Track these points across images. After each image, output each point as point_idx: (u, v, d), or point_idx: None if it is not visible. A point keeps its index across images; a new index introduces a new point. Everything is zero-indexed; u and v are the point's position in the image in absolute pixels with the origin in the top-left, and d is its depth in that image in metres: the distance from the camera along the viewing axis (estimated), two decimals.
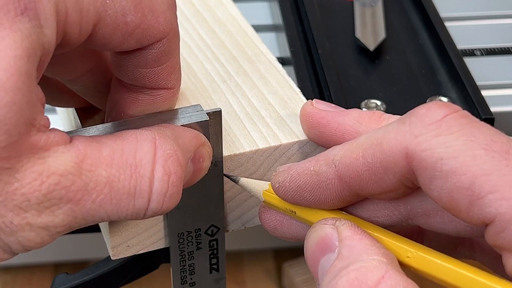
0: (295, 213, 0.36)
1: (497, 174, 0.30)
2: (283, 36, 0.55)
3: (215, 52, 0.45)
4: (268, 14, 0.61)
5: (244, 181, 0.38)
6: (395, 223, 0.35)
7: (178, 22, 0.35)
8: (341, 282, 0.31)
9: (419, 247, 0.33)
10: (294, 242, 0.41)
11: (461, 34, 0.59)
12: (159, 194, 0.32)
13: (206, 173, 0.36)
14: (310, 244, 0.34)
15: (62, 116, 0.46)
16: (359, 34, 0.53)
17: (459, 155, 0.30)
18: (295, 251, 0.65)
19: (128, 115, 0.36)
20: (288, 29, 0.54)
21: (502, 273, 0.31)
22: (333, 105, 0.38)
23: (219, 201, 0.39)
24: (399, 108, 0.48)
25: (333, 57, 0.52)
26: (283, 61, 0.53)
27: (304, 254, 0.34)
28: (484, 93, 0.49)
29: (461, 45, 0.57)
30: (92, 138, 0.32)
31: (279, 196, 0.36)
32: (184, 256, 0.40)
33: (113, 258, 0.39)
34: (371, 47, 0.52)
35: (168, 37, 0.34)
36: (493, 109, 0.48)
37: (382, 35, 0.53)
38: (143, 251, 0.39)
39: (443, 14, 0.57)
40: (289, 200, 0.35)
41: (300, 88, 0.42)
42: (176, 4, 0.35)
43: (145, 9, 0.33)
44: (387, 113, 0.37)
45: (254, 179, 0.38)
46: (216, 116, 0.36)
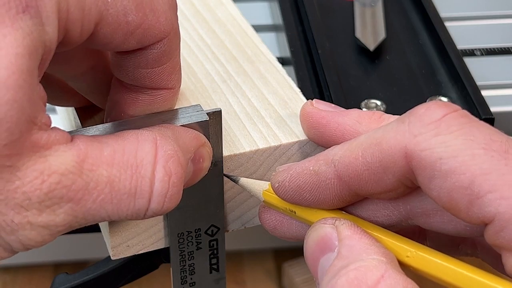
0: (294, 212, 0.36)
1: (496, 174, 0.30)
2: (283, 36, 0.55)
3: (215, 52, 0.45)
4: (268, 14, 0.61)
5: (244, 181, 0.38)
6: (395, 223, 0.35)
7: (178, 22, 0.35)
8: (340, 281, 0.31)
9: (419, 246, 0.33)
10: (294, 242, 0.41)
11: (461, 34, 0.59)
12: (160, 194, 0.32)
13: (206, 173, 0.36)
14: (310, 243, 0.34)
15: (62, 116, 0.46)
16: (359, 34, 0.53)
17: (458, 154, 0.30)
18: (295, 251, 0.65)
19: (128, 115, 0.36)
20: (288, 29, 0.54)
21: (503, 271, 0.31)
22: (333, 105, 0.38)
23: (219, 201, 0.39)
24: (399, 108, 0.48)
25: (333, 57, 0.52)
26: (283, 61, 0.53)
27: (304, 254, 0.34)
28: (484, 93, 0.49)
29: (461, 45, 0.57)
30: (93, 138, 0.32)
31: (278, 196, 0.36)
32: (184, 256, 0.40)
33: (113, 258, 0.39)
34: (371, 47, 0.52)
35: (169, 37, 0.34)
36: (493, 109, 0.48)
37: (382, 35, 0.53)
38: (143, 251, 0.39)
39: (443, 14, 0.57)
40: (288, 200, 0.35)
41: (300, 88, 0.42)
42: (177, 4, 0.35)
43: (146, 9, 0.33)
44: (387, 113, 0.37)
45: (254, 179, 0.38)
46: (216, 116, 0.36)
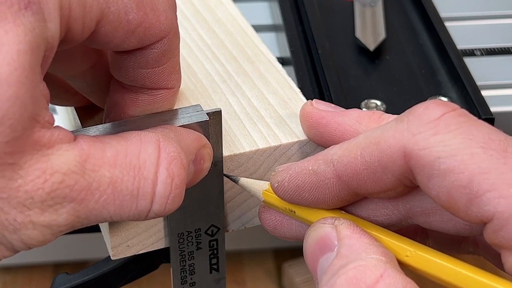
0: (294, 212, 0.36)
1: (495, 172, 0.30)
2: (283, 36, 0.55)
3: (215, 52, 0.45)
4: (268, 14, 0.61)
5: (244, 181, 0.38)
6: (394, 223, 0.35)
7: (178, 22, 0.35)
8: (339, 280, 0.31)
9: (418, 246, 0.33)
10: (294, 242, 0.41)
11: (461, 34, 0.59)
12: (162, 196, 0.32)
13: (207, 173, 0.36)
14: (309, 243, 0.34)
15: (62, 116, 0.46)
16: (359, 34, 0.53)
17: (457, 153, 0.30)
18: (295, 251, 0.65)
19: (127, 115, 0.36)
20: (288, 29, 0.54)
21: (504, 269, 0.31)
22: (333, 105, 0.38)
23: (219, 201, 0.39)
24: (399, 108, 0.48)
25: (333, 57, 0.52)
26: (283, 61, 0.53)
27: (303, 254, 0.34)
28: (484, 93, 0.49)
29: (461, 45, 0.57)
30: (96, 138, 0.32)
31: (278, 196, 0.36)
32: (184, 256, 0.40)
33: (113, 258, 0.39)
34: (371, 47, 0.52)
35: (169, 36, 0.34)
36: (493, 109, 0.48)
37: (382, 35, 0.53)
38: (143, 251, 0.39)
39: (443, 14, 0.57)
40: (288, 200, 0.35)
41: (300, 88, 0.42)
42: (176, 4, 0.35)
43: (147, 8, 0.33)
44: (386, 113, 0.37)
45: (254, 179, 0.38)
46: (216, 116, 0.36)
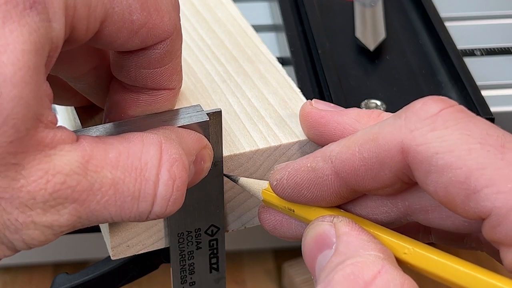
0: (293, 211, 0.36)
1: (493, 168, 0.30)
2: (283, 36, 0.55)
3: (215, 52, 0.45)
4: (268, 14, 0.61)
5: (243, 180, 0.38)
6: (393, 220, 0.35)
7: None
8: (337, 276, 0.30)
9: (416, 243, 0.33)
10: (294, 242, 0.41)
11: (461, 34, 0.59)
12: (163, 198, 0.32)
13: (207, 174, 0.36)
14: (308, 240, 0.34)
15: (63, 116, 0.46)
16: (359, 34, 0.53)
17: (455, 149, 0.30)
18: (295, 251, 0.65)
19: (128, 115, 0.36)
20: (288, 29, 0.54)
21: None
22: (332, 104, 0.38)
23: (219, 201, 0.39)
24: (399, 108, 0.48)
25: (333, 57, 0.52)
26: (283, 61, 0.53)
27: (302, 252, 0.34)
28: (484, 93, 0.49)
29: (461, 45, 0.57)
30: (99, 139, 0.32)
31: (277, 194, 0.35)
32: (184, 255, 0.40)
33: (113, 258, 0.39)
34: (371, 47, 0.52)
35: (172, 37, 0.34)
36: (493, 109, 0.48)
37: (382, 35, 0.53)
38: (143, 251, 0.39)
39: (443, 14, 0.57)
40: (287, 198, 0.35)
41: (300, 88, 0.42)
42: (179, 4, 0.35)
43: (150, 8, 0.33)
44: (386, 112, 0.37)
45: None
46: (216, 117, 0.36)
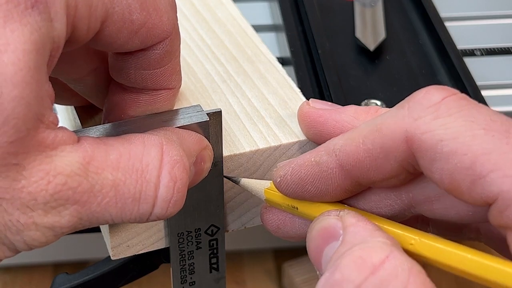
0: (297, 209, 0.35)
1: (498, 152, 0.30)
2: (283, 36, 0.55)
3: (215, 52, 0.45)
4: (268, 14, 0.61)
5: (245, 181, 0.38)
6: (397, 213, 0.35)
7: (178, 22, 0.35)
8: (345, 260, 0.30)
9: (422, 234, 0.32)
10: (294, 242, 0.41)
11: (461, 34, 0.59)
12: (164, 200, 0.32)
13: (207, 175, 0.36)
14: (313, 235, 0.33)
15: (62, 116, 0.46)
16: (359, 34, 0.53)
17: (459, 135, 0.30)
18: (295, 251, 0.65)
19: (128, 116, 0.36)
20: (288, 29, 0.54)
21: (507, 255, 0.30)
22: (330, 103, 0.38)
23: (219, 201, 0.39)
24: None
25: (333, 57, 0.52)
26: (283, 61, 0.53)
27: (307, 247, 0.33)
28: (484, 93, 0.49)
29: (461, 45, 0.57)
30: (100, 140, 0.31)
31: (280, 191, 0.35)
32: (184, 255, 0.40)
33: (113, 258, 0.39)
34: (371, 47, 0.52)
35: (171, 36, 0.34)
36: (493, 109, 0.48)
37: (382, 35, 0.53)
38: (143, 251, 0.39)
39: (443, 14, 0.57)
40: (291, 194, 0.35)
41: (300, 88, 0.42)
42: (176, 4, 0.35)
43: (150, 8, 0.33)
44: (384, 108, 0.37)
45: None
46: (216, 117, 0.36)
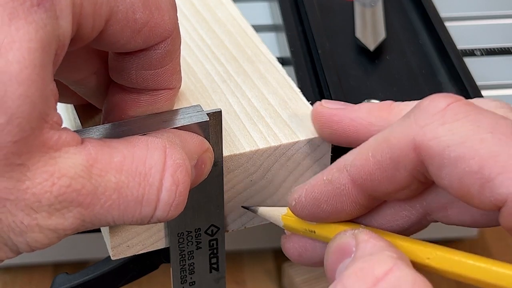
0: (314, 232, 0.36)
1: (506, 155, 0.30)
2: (283, 36, 0.55)
3: (215, 52, 0.45)
4: (268, 14, 0.61)
5: (263, 210, 0.38)
6: (415, 223, 0.35)
7: (178, 21, 0.35)
8: (347, 272, 0.30)
9: (438, 248, 0.33)
10: None
11: (461, 34, 0.59)
12: (166, 203, 0.32)
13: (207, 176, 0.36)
14: (329, 253, 0.34)
15: (62, 116, 0.45)
16: (359, 34, 0.53)
17: (466, 140, 0.30)
18: None
19: (128, 116, 0.36)
20: (288, 29, 0.54)
21: None
22: (342, 102, 0.39)
23: (219, 201, 0.39)
24: None
25: (333, 57, 0.52)
26: (283, 61, 0.53)
27: (324, 266, 0.34)
28: (484, 93, 0.49)
29: (461, 45, 0.57)
30: (104, 142, 0.31)
31: (296, 215, 0.36)
32: (184, 255, 0.40)
33: (113, 258, 0.39)
34: (371, 47, 0.52)
35: (173, 36, 0.34)
36: None
37: (382, 35, 0.53)
38: (143, 251, 0.39)
39: (443, 14, 0.57)
40: (307, 217, 0.35)
41: (300, 88, 0.42)
42: (176, 3, 0.35)
43: (152, 7, 0.33)
44: (396, 102, 0.37)
45: (255, 180, 0.38)
46: (216, 117, 0.36)
